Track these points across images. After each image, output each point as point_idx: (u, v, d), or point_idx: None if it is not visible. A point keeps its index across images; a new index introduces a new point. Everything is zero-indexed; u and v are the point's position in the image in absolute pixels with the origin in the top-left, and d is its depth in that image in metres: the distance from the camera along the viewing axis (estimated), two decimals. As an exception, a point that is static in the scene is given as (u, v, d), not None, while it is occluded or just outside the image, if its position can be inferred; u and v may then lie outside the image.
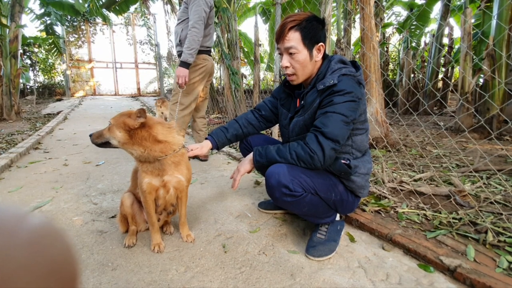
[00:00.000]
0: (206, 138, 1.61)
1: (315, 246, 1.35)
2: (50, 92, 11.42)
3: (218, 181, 2.42)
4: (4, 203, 0.23)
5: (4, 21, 5.37)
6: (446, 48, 6.61)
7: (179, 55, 2.61)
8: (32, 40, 7.77)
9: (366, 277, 1.22)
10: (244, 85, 6.47)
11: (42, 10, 6.76)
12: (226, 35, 5.60)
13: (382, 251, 1.39)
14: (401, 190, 1.88)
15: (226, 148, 3.40)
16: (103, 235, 1.53)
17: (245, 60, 8.89)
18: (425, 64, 7.07)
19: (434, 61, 6.14)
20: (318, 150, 1.23)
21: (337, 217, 1.50)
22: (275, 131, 3.02)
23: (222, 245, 1.46)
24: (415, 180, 2.11)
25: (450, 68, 7.31)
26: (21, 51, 5.97)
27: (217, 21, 5.41)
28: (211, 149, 1.60)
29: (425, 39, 7.81)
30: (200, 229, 1.62)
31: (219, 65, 6.54)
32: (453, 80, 7.67)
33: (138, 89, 13.30)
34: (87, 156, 3.13)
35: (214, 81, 7.08)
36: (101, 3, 6.53)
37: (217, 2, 5.33)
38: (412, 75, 7.14)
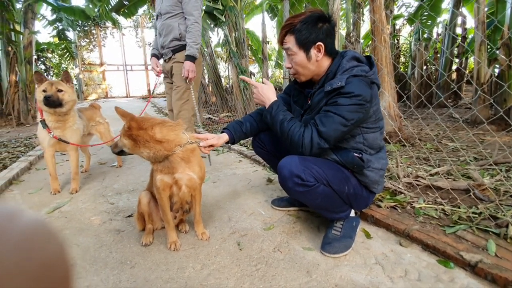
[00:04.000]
0: (222, 131, 1.61)
1: (330, 242, 1.34)
2: (64, 96, 11.72)
3: (231, 179, 2.43)
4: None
5: (18, 27, 5.54)
6: (460, 38, 6.40)
7: (177, 50, 2.55)
8: (45, 46, 7.99)
9: (384, 273, 1.20)
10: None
11: (54, 16, 6.94)
12: (233, 33, 5.60)
13: (399, 247, 1.37)
14: (417, 185, 1.84)
15: (237, 147, 3.42)
16: (121, 234, 1.57)
17: (253, 58, 8.88)
18: (438, 55, 6.87)
19: (448, 52, 5.95)
20: (307, 146, 1.28)
21: (352, 213, 1.48)
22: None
23: (237, 243, 1.46)
24: (431, 175, 2.06)
25: (464, 59, 7.08)
26: (35, 57, 6.15)
27: (224, 19, 5.42)
28: (227, 142, 1.59)
29: (437, 29, 7.59)
30: (214, 227, 1.64)
31: (227, 64, 6.56)
32: (467, 71, 7.42)
33: (149, 90, 13.49)
34: (102, 157, 3.20)
35: (222, 80, 7.11)
36: (110, 7, 6.64)
37: (224, 0, 5.33)
38: (424, 67, 6.96)
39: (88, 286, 1.18)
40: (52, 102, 1.95)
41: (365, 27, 8.52)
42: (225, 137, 1.56)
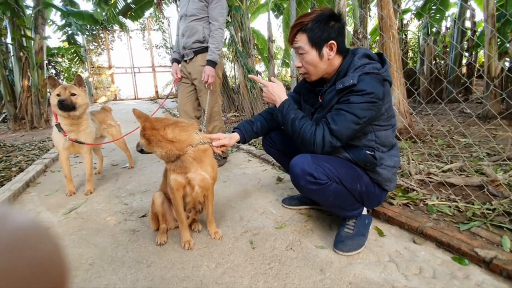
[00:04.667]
0: (233, 131, 1.63)
1: (343, 241, 1.34)
2: (74, 99, 11.95)
3: (241, 179, 2.45)
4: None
5: (29, 33, 5.67)
6: (469, 32, 6.27)
7: (198, 51, 2.59)
8: (55, 51, 8.15)
9: (398, 271, 1.20)
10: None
11: (63, 21, 7.07)
12: (239, 33, 5.61)
13: (413, 244, 1.36)
14: (430, 182, 1.83)
15: (246, 146, 3.43)
16: (136, 234, 1.61)
17: (259, 57, 8.88)
18: (447, 49, 6.74)
19: (457, 45, 5.84)
20: (319, 144, 1.29)
21: (364, 211, 1.48)
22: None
23: (250, 242, 1.48)
24: (444, 171, 2.04)
25: (474, 53, 6.93)
26: (46, 61, 6.28)
27: (230, 19, 5.43)
28: (238, 142, 1.60)
29: (446, 23, 7.44)
30: (226, 226, 1.66)
31: (233, 63, 6.58)
32: (477, 65, 7.26)
33: (156, 92, 13.65)
34: (114, 159, 3.27)
35: (229, 80, 7.14)
36: (117, 10, 6.74)
37: (229, 0, 5.35)
38: (433, 62, 6.84)
39: (107, 284, 1.21)
40: (66, 106, 2.00)
41: (371, 23, 8.42)
42: (236, 136, 1.58)
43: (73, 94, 2.04)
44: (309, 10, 5.34)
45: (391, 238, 1.44)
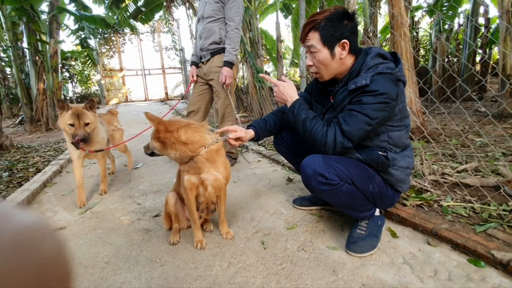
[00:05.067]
0: (248, 128, 1.63)
1: (355, 242, 1.33)
2: (87, 101, 12.25)
3: (251, 179, 2.46)
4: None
5: (44, 38, 5.84)
6: (483, 28, 6.11)
7: (215, 52, 2.60)
8: (69, 54, 8.38)
9: (412, 273, 1.18)
10: (267, 82, 6.48)
11: (77, 26, 7.26)
12: (248, 34, 5.63)
13: (427, 246, 1.34)
14: (444, 182, 1.79)
15: (255, 146, 3.44)
16: (149, 233, 1.64)
17: (267, 58, 8.89)
18: (460, 47, 6.58)
19: (471, 43, 5.70)
20: (330, 145, 1.28)
21: (377, 212, 1.46)
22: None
23: (261, 242, 1.49)
24: (458, 172, 1.99)
25: (488, 49, 6.74)
26: (60, 65, 6.46)
27: (239, 21, 5.45)
28: (252, 139, 1.61)
29: (459, 20, 7.26)
30: (238, 226, 1.67)
31: (242, 64, 6.61)
32: (491, 63, 7.05)
33: (166, 93, 13.83)
34: (126, 159, 3.33)
35: (237, 80, 7.17)
36: (128, 14, 6.88)
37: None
38: (446, 60, 6.69)
39: (122, 282, 1.24)
40: (83, 141, 1.88)
41: (381, 21, 8.30)
42: (251, 132, 1.58)
43: (87, 124, 1.90)
44: (318, 10, 5.32)
45: (405, 239, 1.42)
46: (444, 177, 1.87)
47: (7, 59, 7.72)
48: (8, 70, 8.10)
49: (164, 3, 6.91)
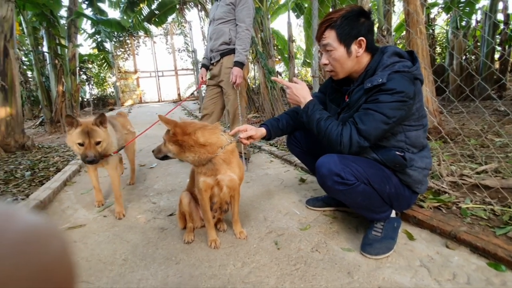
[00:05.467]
0: (260, 127, 1.64)
1: (371, 243, 1.32)
2: (103, 103, 12.61)
3: (263, 179, 2.46)
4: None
5: (63, 42, 6.06)
6: (502, 25, 5.88)
7: (225, 53, 2.63)
8: (86, 57, 8.64)
9: (430, 276, 1.16)
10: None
11: (93, 29, 7.49)
12: (259, 34, 5.65)
13: (446, 249, 1.31)
14: (463, 184, 1.74)
15: (267, 147, 3.45)
16: (165, 232, 1.67)
17: (279, 58, 8.87)
18: (478, 44, 6.36)
19: (490, 40, 5.49)
20: (346, 144, 1.27)
21: (393, 214, 1.44)
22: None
23: (275, 242, 1.49)
24: (477, 173, 1.93)
25: (507, 47, 6.48)
26: (78, 68, 6.67)
27: (250, 21, 5.48)
28: (264, 137, 1.61)
29: (476, 16, 7.01)
30: (251, 226, 1.68)
31: (253, 64, 6.62)
32: (511, 60, 6.77)
33: (179, 94, 14.05)
34: (141, 159, 3.40)
35: (248, 80, 7.19)
36: (142, 17, 7.03)
37: (251, 3, 5.40)
38: (463, 57, 6.48)
39: (140, 279, 1.27)
40: (93, 162, 1.70)
41: (395, 19, 8.11)
42: (262, 130, 1.59)
43: (98, 143, 1.70)
44: (331, 9, 5.26)
45: (422, 242, 1.39)
46: (463, 179, 1.82)
47: (28, 63, 8.05)
48: (29, 73, 8.44)
49: (177, 6, 7.03)
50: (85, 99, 11.87)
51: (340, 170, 1.25)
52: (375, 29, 4.70)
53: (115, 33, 9.66)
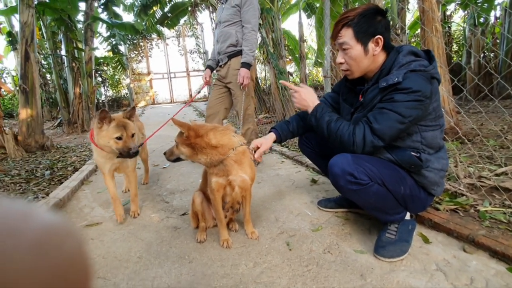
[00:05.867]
0: (270, 131, 1.65)
1: (384, 246, 1.30)
2: (118, 104, 12.93)
3: (274, 180, 2.47)
4: (12, 198, 0.21)
5: (80, 45, 6.26)
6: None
7: (232, 55, 2.65)
8: (101, 60, 8.89)
9: (446, 280, 1.13)
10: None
11: (108, 33, 7.70)
12: (270, 35, 5.65)
13: (463, 253, 1.27)
14: (482, 186, 1.69)
15: (279, 147, 3.45)
16: (178, 231, 1.70)
17: (290, 58, 8.83)
18: (497, 41, 6.14)
19: (510, 37, 5.29)
20: (359, 144, 1.25)
21: (407, 216, 1.41)
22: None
23: (286, 243, 1.49)
24: (497, 175, 1.87)
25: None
26: (94, 70, 6.87)
27: (261, 22, 5.49)
28: (275, 141, 1.62)
29: (495, 13, 6.76)
30: (262, 226, 1.68)
31: (264, 65, 6.63)
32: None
33: (190, 95, 14.22)
34: (154, 160, 3.47)
35: (259, 81, 7.20)
36: (155, 20, 7.18)
37: (260, 3, 5.41)
38: (481, 55, 6.27)
39: (154, 277, 1.30)
40: (137, 153, 1.65)
41: (409, 17, 7.94)
42: (272, 136, 1.60)
43: (133, 135, 1.66)
44: (343, 9, 5.20)
45: (438, 245, 1.35)
46: (481, 181, 1.76)
47: (47, 66, 8.36)
48: (48, 76, 8.76)
49: (189, 8, 7.13)
50: (101, 101, 12.20)
51: (353, 169, 1.23)
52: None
53: (129, 36, 9.89)
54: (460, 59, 7.73)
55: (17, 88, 5.13)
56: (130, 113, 1.72)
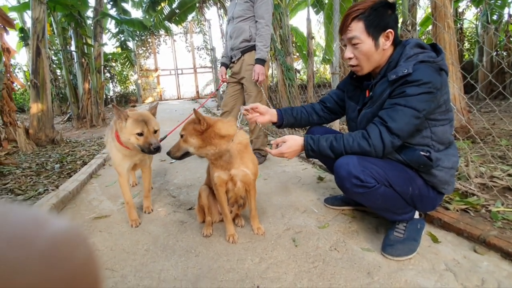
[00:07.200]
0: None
1: (392, 244, 1.28)
2: (125, 100, 13.05)
3: (281, 176, 2.46)
4: (24, 205, 0.22)
5: (89, 41, 6.32)
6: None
7: (246, 51, 2.64)
8: (110, 56, 8.97)
9: (456, 281, 1.11)
10: (297, 80, 6.40)
11: (117, 29, 7.76)
12: (278, 31, 5.61)
13: (474, 254, 1.25)
14: (493, 186, 1.65)
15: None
16: (184, 225, 1.71)
17: (297, 55, 8.77)
18: (511, 39, 5.97)
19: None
20: (378, 146, 1.20)
21: (416, 215, 1.39)
22: (335, 124, 2.92)
23: (292, 239, 1.49)
24: (509, 175, 1.82)
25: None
26: (102, 66, 6.94)
27: (270, 18, 5.45)
28: (274, 123, 1.59)
29: (509, 10, 6.57)
30: (268, 222, 1.68)
31: (271, 62, 6.60)
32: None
33: (197, 92, 14.27)
34: (161, 155, 3.48)
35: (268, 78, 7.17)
36: (163, 16, 7.20)
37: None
38: (494, 53, 6.11)
39: (161, 270, 1.31)
40: (159, 149, 1.59)
41: (420, 13, 7.78)
42: (274, 113, 1.57)
43: (155, 131, 1.61)
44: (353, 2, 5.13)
45: (448, 245, 1.33)
46: (493, 181, 1.72)
47: (57, 62, 8.48)
48: (58, 71, 8.88)
49: (197, 4, 7.12)
50: (109, 96, 12.34)
51: (359, 172, 1.20)
52: (399, 23, 4.53)
53: (138, 32, 9.97)
54: (472, 57, 7.56)
55: (29, 83, 5.22)
56: (154, 110, 1.70)
